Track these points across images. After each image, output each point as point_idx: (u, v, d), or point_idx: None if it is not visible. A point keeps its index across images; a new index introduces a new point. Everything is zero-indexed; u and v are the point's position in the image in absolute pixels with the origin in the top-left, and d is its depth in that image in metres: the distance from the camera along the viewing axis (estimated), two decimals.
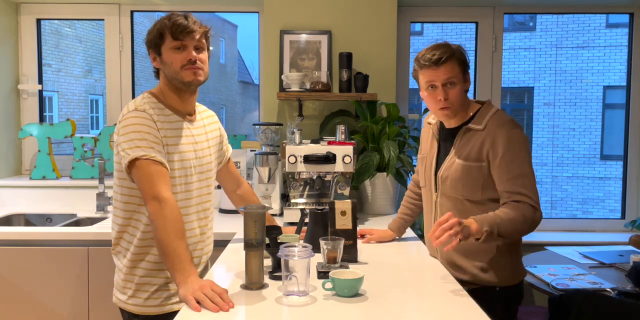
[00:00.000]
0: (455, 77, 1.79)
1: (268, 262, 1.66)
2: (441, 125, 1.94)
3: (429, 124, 2.01)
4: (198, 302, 1.37)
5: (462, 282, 1.72)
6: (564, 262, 2.56)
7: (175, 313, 1.40)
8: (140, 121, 1.63)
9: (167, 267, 1.53)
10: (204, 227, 1.82)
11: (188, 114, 1.78)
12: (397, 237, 2.15)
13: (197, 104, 1.86)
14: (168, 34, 1.65)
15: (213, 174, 1.88)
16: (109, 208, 2.86)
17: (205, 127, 1.85)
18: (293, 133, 2.48)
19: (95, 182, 3.01)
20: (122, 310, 1.77)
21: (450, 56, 1.79)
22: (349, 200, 1.84)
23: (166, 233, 1.52)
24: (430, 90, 1.81)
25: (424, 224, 2.01)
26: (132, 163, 1.58)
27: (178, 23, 1.64)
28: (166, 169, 1.61)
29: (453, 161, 1.82)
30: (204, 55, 1.71)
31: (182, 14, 1.68)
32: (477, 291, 1.70)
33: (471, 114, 1.86)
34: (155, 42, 1.67)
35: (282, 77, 2.92)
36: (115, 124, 1.92)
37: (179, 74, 1.67)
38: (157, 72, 1.76)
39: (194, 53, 1.67)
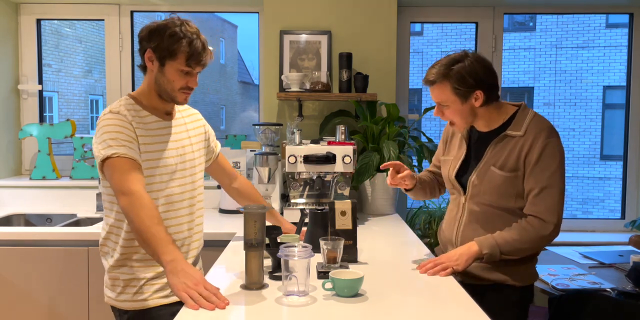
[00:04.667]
0: (446, 101, 1.75)
1: (268, 262, 1.66)
2: (472, 128, 1.89)
3: None
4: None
5: (478, 278, 1.75)
6: (564, 262, 2.56)
7: (162, 307, 1.41)
8: (114, 122, 1.65)
9: (151, 254, 1.53)
10: (191, 223, 1.82)
11: (167, 113, 1.79)
12: (408, 187, 2.00)
13: None
14: (182, 57, 1.66)
15: (199, 170, 1.87)
16: None
17: (187, 124, 1.85)
18: (293, 133, 2.48)
19: (95, 183, 3.01)
20: (114, 309, 1.78)
21: (440, 78, 1.72)
22: (349, 201, 1.84)
23: (141, 221, 1.52)
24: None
25: (445, 221, 1.96)
26: (104, 162, 1.60)
27: (197, 52, 1.66)
28: (138, 164, 1.62)
29: (487, 169, 1.78)
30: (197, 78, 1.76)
31: (198, 38, 1.67)
32: (491, 288, 1.75)
33: (506, 118, 1.80)
34: (162, 54, 1.66)
35: (282, 77, 2.93)
36: None
37: (174, 93, 1.71)
38: (144, 68, 1.75)
39: (196, 81, 1.73)
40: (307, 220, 1.96)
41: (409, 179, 1.92)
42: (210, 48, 1.75)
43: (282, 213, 2.64)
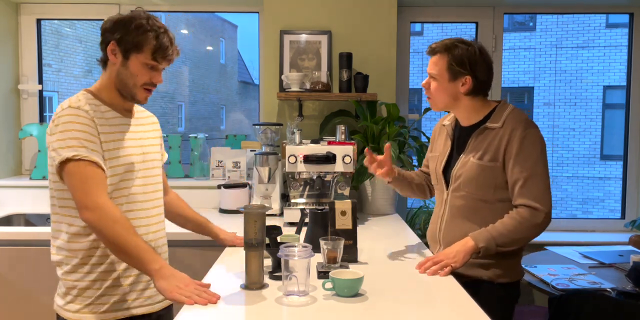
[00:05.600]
0: (437, 73, 1.82)
1: (268, 262, 1.66)
2: (456, 125, 1.96)
3: (444, 125, 2.01)
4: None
5: (461, 276, 1.75)
6: (564, 262, 2.56)
7: None
8: (74, 119, 1.55)
9: (133, 264, 1.51)
10: (158, 225, 1.76)
11: (126, 110, 1.71)
12: (388, 180, 2.02)
13: (135, 104, 1.78)
14: (148, 51, 1.59)
15: (158, 173, 1.78)
16: None
17: (146, 126, 1.78)
18: (293, 133, 2.48)
19: None
20: (59, 318, 1.67)
21: (440, 51, 1.81)
22: (349, 200, 1.84)
23: (117, 234, 1.47)
24: None
25: (431, 220, 2.01)
26: (64, 164, 1.51)
27: (164, 47, 1.61)
28: (101, 169, 1.53)
29: (467, 160, 1.83)
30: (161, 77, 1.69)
31: (166, 33, 1.62)
32: (476, 285, 1.76)
33: (486, 113, 1.85)
34: (127, 46, 1.59)
35: (282, 77, 2.93)
36: None
37: (136, 89, 1.63)
38: (105, 62, 1.66)
39: (160, 78, 1.66)
40: (307, 220, 1.96)
41: (387, 164, 1.93)
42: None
43: (282, 213, 2.64)
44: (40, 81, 3.32)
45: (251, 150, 3.04)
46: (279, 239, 1.74)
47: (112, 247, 1.51)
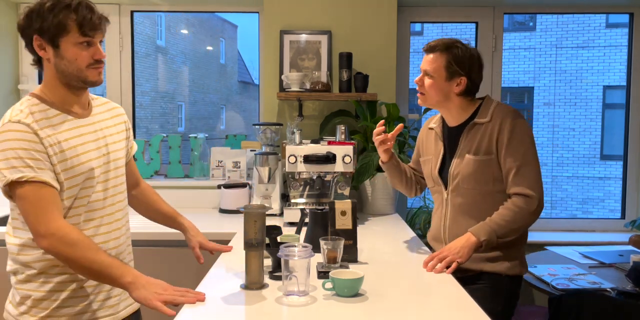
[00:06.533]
0: (434, 71, 1.84)
1: (268, 262, 1.66)
2: (443, 126, 1.99)
3: (431, 128, 2.05)
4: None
5: (468, 270, 1.78)
6: (564, 262, 2.56)
7: None
8: (14, 135, 1.41)
9: (106, 282, 1.47)
10: (116, 223, 1.64)
11: (81, 108, 1.57)
12: (384, 161, 2.10)
13: (94, 95, 1.67)
14: (74, 28, 1.45)
15: (123, 171, 1.68)
16: None
17: (107, 121, 1.65)
18: (293, 133, 2.49)
19: None
20: None
21: (441, 49, 1.83)
22: (349, 200, 1.84)
23: (78, 258, 1.40)
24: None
25: (432, 220, 2.04)
26: (10, 186, 1.41)
27: (88, 18, 1.46)
28: (51, 187, 1.42)
29: (463, 157, 1.86)
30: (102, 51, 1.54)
31: (80, 4, 1.48)
32: (483, 278, 1.81)
33: (472, 110, 1.89)
34: (51, 33, 1.44)
35: (282, 77, 2.93)
36: None
37: (84, 73, 1.48)
38: (38, 61, 1.52)
39: (102, 52, 1.52)
40: (307, 220, 1.96)
41: (392, 141, 2.00)
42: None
43: (282, 213, 2.64)
44: (40, 81, 3.31)
45: (251, 150, 3.04)
46: (279, 239, 1.74)
47: (78, 271, 1.45)
